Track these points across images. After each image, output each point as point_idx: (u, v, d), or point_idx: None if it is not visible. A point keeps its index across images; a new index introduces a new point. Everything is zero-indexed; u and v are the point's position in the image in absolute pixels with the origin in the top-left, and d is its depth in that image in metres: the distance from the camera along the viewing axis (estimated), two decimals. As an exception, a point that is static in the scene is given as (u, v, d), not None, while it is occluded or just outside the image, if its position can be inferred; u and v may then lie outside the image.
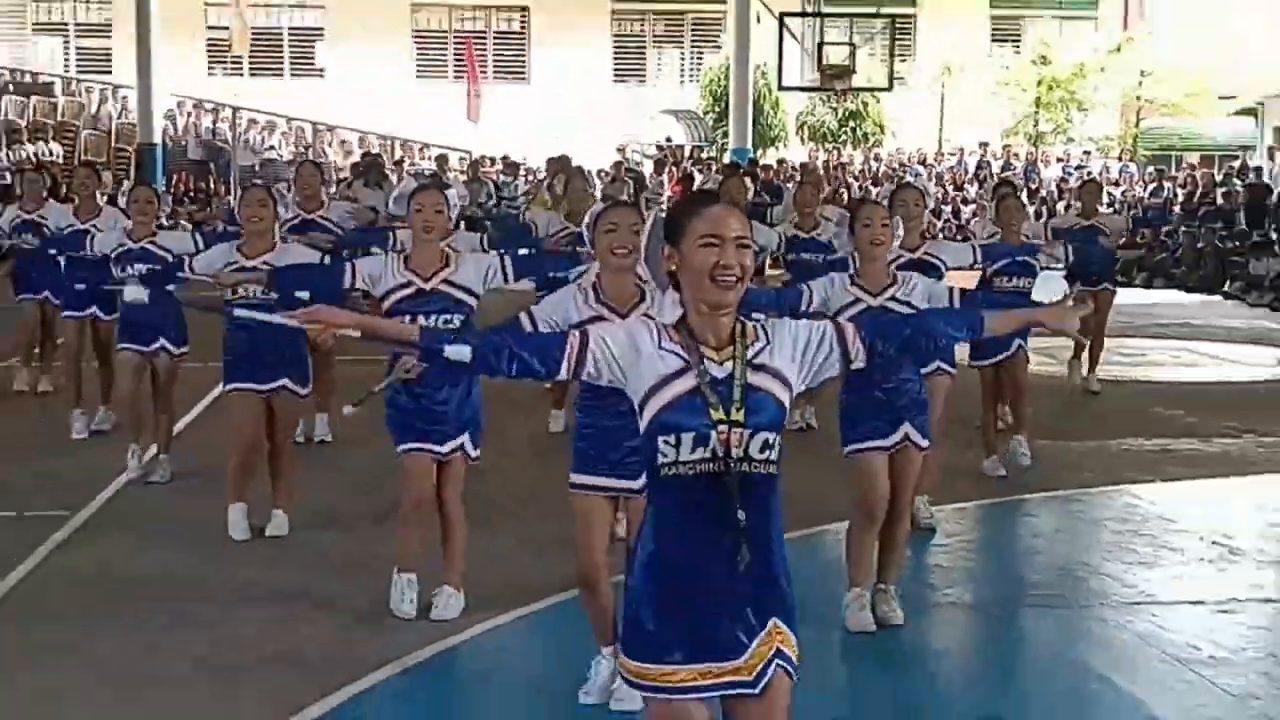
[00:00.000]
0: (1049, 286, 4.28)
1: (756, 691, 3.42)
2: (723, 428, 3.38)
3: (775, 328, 3.58)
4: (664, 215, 3.76)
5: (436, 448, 6.54)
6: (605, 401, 5.07)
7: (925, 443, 6.70)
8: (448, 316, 6.51)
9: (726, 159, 28.20)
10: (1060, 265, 9.61)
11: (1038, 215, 21.44)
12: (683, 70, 36.31)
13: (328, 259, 8.75)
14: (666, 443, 3.41)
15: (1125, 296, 15.97)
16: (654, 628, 3.45)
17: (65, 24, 35.33)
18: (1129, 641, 6.60)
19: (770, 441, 3.42)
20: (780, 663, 3.43)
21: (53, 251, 10.86)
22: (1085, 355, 13.06)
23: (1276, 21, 31.27)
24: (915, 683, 6.38)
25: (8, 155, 27.90)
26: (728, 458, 3.38)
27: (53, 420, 10.97)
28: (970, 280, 9.51)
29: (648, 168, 28.62)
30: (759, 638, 3.42)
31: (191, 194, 28.25)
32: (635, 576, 3.57)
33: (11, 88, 31.12)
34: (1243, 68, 33.79)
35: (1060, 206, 25.26)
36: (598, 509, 5.43)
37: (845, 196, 24.27)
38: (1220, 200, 27.20)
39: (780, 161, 29.94)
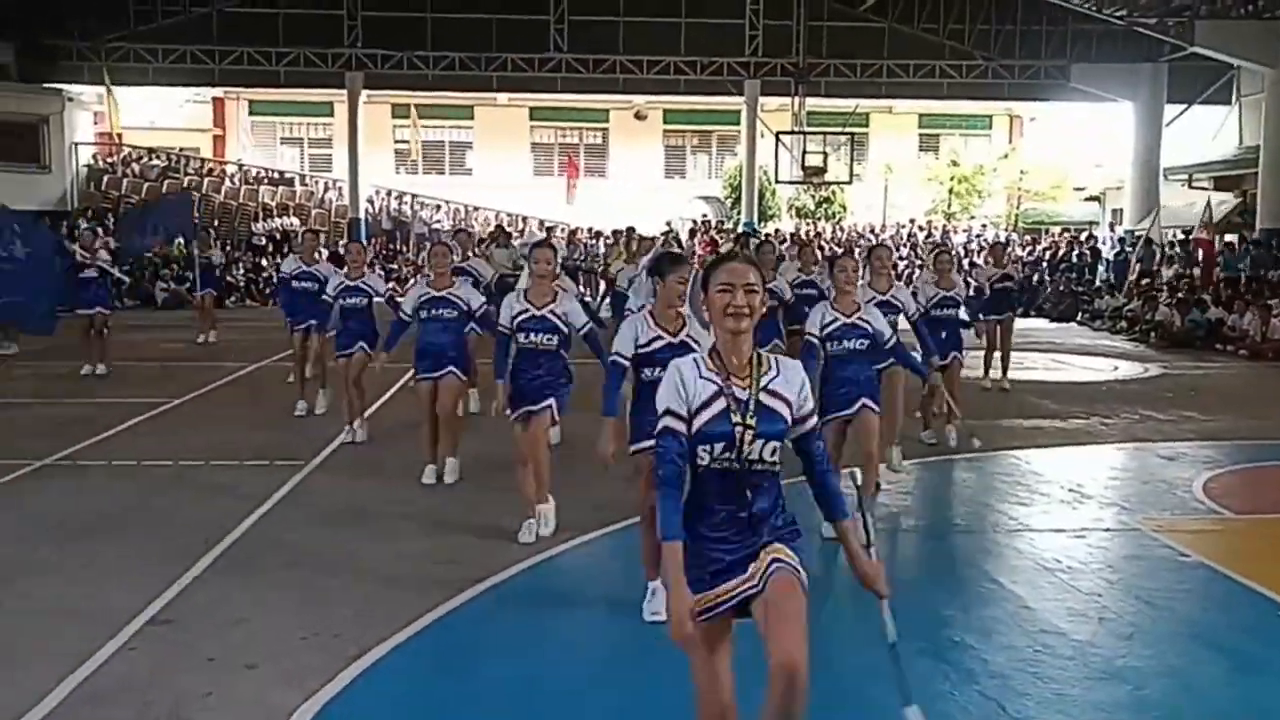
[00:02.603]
0: None
1: (760, 588, 3.21)
2: (739, 427, 3.20)
3: (787, 365, 3.36)
4: (700, 273, 3.64)
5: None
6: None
7: (878, 408, 6.72)
8: (549, 335, 6.49)
9: (739, 229, 28.20)
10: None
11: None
12: (710, 169, 36.22)
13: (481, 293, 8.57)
14: (704, 450, 3.21)
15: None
16: (691, 575, 3.19)
17: (301, 138, 35.68)
18: (1013, 556, 6.59)
19: (776, 449, 3.24)
20: (777, 565, 3.22)
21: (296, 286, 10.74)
22: (998, 364, 12.79)
23: (1110, 138, 30.95)
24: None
25: (264, 225, 28.33)
26: (740, 457, 3.21)
27: (287, 401, 10.93)
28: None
29: (685, 234, 28.61)
30: (757, 559, 3.24)
31: (384, 252, 28.53)
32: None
33: (267, 180, 31.46)
34: (1090, 168, 33.55)
35: (967, 262, 25.12)
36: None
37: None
38: (1074, 258, 26.97)
39: (776, 230, 29.83)
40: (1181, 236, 25.53)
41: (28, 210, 23.73)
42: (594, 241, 27.25)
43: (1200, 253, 23.00)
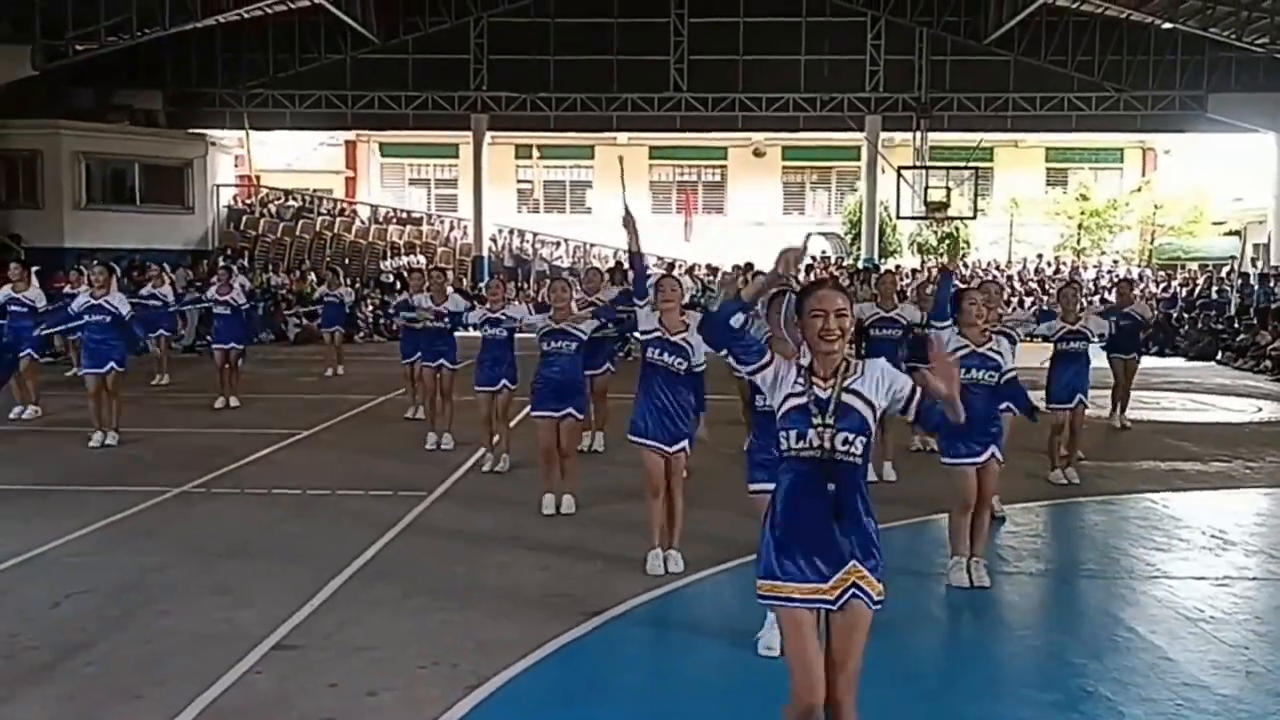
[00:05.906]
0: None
1: (835, 608, 3.52)
2: (818, 427, 3.52)
3: (870, 366, 3.64)
4: (793, 296, 3.93)
5: (665, 448, 6.53)
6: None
7: (1002, 459, 6.54)
8: (679, 359, 6.52)
9: (860, 265, 27.88)
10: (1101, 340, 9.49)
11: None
12: (830, 205, 36.00)
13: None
14: (785, 434, 3.59)
15: (1146, 362, 15.15)
16: (775, 559, 3.57)
17: (428, 179, 36.74)
18: (1150, 604, 6.27)
19: (850, 439, 3.52)
20: (857, 594, 3.50)
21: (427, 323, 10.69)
22: (1119, 402, 12.58)
23: (1250, 170, 29.68)
24: (995, 624, 6.17)
25: (391, 262, 29.16)
26: (821, 448, 3.51)
27: (417, 436, 11.22)
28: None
29: (802, 270, 28.41)
30: (840, 572, 3.50)
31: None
32: (766, 530, 3.66)
33: (395, 220, 32.40)
34: (1228, 202, 32.26)
35: (1097, 299, 24.31)
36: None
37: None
38: (1213, 295, 25.88)
39: (897, 267, 29.37)
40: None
41: (172, 249, 25.07)
42: (712, 278, 27.27)
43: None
